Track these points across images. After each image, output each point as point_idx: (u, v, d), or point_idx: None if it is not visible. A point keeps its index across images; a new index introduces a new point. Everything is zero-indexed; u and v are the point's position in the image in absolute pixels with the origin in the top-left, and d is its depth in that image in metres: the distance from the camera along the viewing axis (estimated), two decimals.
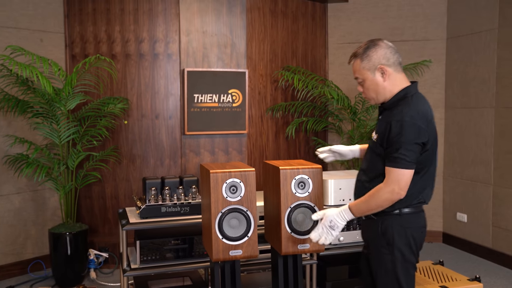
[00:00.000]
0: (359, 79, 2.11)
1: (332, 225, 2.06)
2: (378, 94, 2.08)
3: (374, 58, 2.05)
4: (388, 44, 2.09)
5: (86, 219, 4.38)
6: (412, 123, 1.92)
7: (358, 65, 2.09)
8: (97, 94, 4.28)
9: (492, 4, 4.44)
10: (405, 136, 1.91)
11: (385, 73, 2.05)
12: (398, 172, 1.93)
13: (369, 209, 2.02)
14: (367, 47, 2.08)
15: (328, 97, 4.60)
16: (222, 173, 2.17)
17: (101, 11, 4.32)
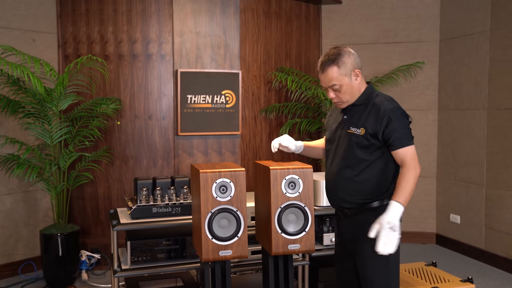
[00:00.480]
0: (336, 85, 2.22)
1: (391, 226, 2.02)
2: (353, 96, 2.25)
3: (349, 64, 2.22)
4: (352, 50, 2.29)
5: (79, 220, 4.36)
6: (400, 108, 2.20)
7: (336, 72, 2.21)
8: (90, 95, 4.27)
9: (484, 6, 4.46)
10: (403, 119, 2.16)
11: (358, 76, 2.25)
12: (411, 149, 2.14)
13: (410, 193, 2.09)
14: (340, 53, 2.22)
15: (322, 98, 4.61)
16: (212, 173, 2.16)
17: (94, 12, 4.31)
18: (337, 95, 2.26)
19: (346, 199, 2.26)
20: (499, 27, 4.30)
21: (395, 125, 2.13)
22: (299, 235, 2.27)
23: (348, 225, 2.31)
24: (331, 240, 3.32)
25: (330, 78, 2.22)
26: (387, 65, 5.08)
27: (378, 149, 2.20)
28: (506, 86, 4.24)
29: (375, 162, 2.20)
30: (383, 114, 2.16)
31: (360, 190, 2.22)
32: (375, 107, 2.20)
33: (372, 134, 2.17)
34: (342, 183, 2.25)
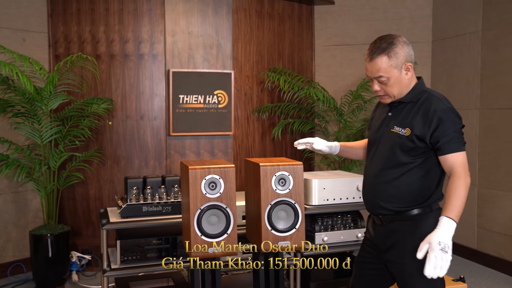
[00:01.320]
0: (383, 77, 2.01)
1: (443, 247, 1.78)
2: (401, 91, 2.04)
3: (402, 55, 1.99)
4: (407, 40, 2.06)
5: (69, 221, 4.32)
6: (454, 110, 1.97)
7: (386, 63, 1.98)
8: (81, 94, 4.24)
9: (476, 7, 4.47)
10: (456, 122, 1.95)
11: (409, 70, 2.02)
12: (462, 155, 1.93)
13: (462, 206, 1.88)
14: (393, 42, 2.00)
15: (314, 99, 4.60)
16: (201, 169, 2.14)
17: (86, 11, 4.29)
18: (382, 88, 2.04)
19: (383, 205, 2.08)
20: (491, 27, 4.31)
21: (446, 127, 1.92)
22: (289, 232, 2.24)
23: (383, 232, 2.12)
24: (323, 239, 3.31)
25: (378, 69, 2.00)
26: None
27: (423, 153, 2.00)
28: (498, 86, 4.24)
29: (418, 166, 2.01)
30: (433, 114, 1.94)
31: (399, 196, 2.04)
32: (424, 106, 1.99)
33: (419, 136, 1.97)
34: (380, 187, 2.08)
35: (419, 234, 1.96)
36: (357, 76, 5.14)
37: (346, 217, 3.40)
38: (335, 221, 3.37)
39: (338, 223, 3.37)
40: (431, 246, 1.80)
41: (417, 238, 1.94)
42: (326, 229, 3.34)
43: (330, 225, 3.35)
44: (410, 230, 2.01)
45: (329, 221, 3.35)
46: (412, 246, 1.97)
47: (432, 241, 1.80)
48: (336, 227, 3.36)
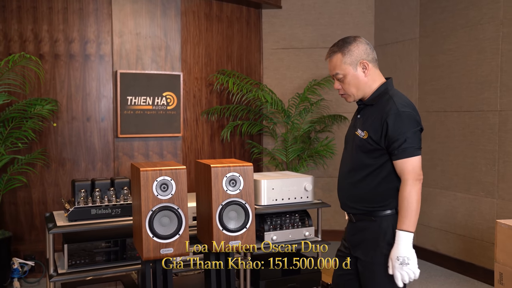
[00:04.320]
0: (339, 74, 2.07)
1: (402, 261, 1.90)
2: (359, 90, 2.07)
3: (356, 53, 2.04)
4: (366, 40, 2.10)
5: (10, 226, 4.16)
6: (408, 113, 1.96)
7: (340, 60, 2.05)
8: (23, 95, 4.10)
9: (413, 15, 4.73)
10: (407, 126, 1.94)
11: (366, 68, 2.05)
12: (411, 161, 1.93)
13: (415, 213, 1.92)
14: (348, 42, 2.06)
15: (263, 101, 4.69)
16: (152, 171, 2.16)
17: (27, 9, 4.15)
18: (342, 87, 2.09)
19: (350, 205, 2.13)
20: (427, 35, 4.58)
21: (396, 132, 1.93)
22: (240, 232, 2.30)
23: (352, 229, 2.17)
24: (272, 238, 3.39)
25: (334, 66, 2.07)
26: (326, 69, 5.25)
27: (384, 155, 2.01)
28: (434, 91, 4.51)
29: (381, 167, 2.02)
30: (385, 118, 1.96)
31: (364, 197, 2.06)
32: (382, 109, 2.00)
33: (374, 139, 2.00)
34: (347, 187, 2.13)
35: (382, 235, 2.01)
36: (304, 79, 5.29)
37: (294, 216, 3.50)
38: (284, 221, 3.46)
39: (286, 222, 3.47)
40: (392, 263, 1.92)
41: (380, 239, 2.01)
42: (275, 228, 3.42)
43: (279, 225, 3.43)
44: (374, 230, 2.04)
45: (278, 221, 3.44)
46: (375, 246, 2.03)
47: (392, 258, 1.92)
48: (284, 226, 3.46)
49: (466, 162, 4.19)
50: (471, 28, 4.11)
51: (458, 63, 4.25)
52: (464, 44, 4.19)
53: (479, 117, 4.07)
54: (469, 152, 4.16)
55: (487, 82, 3.98)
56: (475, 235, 4.12)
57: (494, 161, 3.94)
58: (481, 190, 4.05)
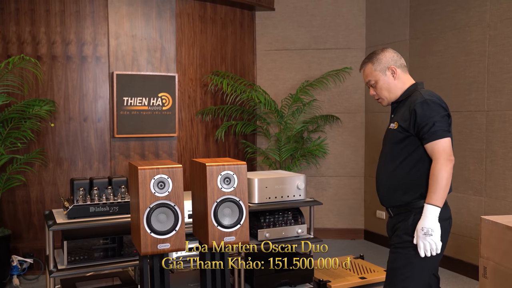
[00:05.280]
0: (372, 81, 2.33)
1: (426, 232, 2.08)
2: (391, 92, 2.31)
3: (384, 61, 2.31)
4: (393, 50, 2.36)
5: (9, 224, 4.23)
6: (433, 101, 2.15)
7: (370, 69, 2.32)
8: (21, 96, 4.17)
9: (403, 16, 4.84)
10: (435, 111, 2.12)
11: (395, 73, 2.29)
12: (439, 143, 2.09)
13: (444, 190, 2.08)
14: (376, 52, 2.34)
15: (256, 101, 4.79)
16: (150, 170, 2.25)
17: (25, 11, 4.23)
18: (375, 92, 2.34)
19: (386, 196, 2.30)
20: (417, 37, 4.69)
21: (423, 118, 2.11)
22: (234, 228, 2.40)
23: (390, 223, 2.36)
24: (265, 235, 3.49)
25: (366, 75, 2.34)
26: (318, 70, 5.36)
27: (414, 143, 2.18)
28: None
29: (411, 155, 2.19)
30: (413, 106, 2.16)
31: (397, 186, 2.23)
32: (409, 101, 2.23)
33: (404, 128, 2.19)
34: (383, 179, 2.31)
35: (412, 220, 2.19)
36: (296, 79, 5.39)
37: (287, 214, 3.60)
38: (277, 218, 3.56)
39: (279, 220, 3.56)
40: (417, 234, 2.11)
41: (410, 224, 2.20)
42: (268, 225, 3.52)
43: (272, 222, 3.53)
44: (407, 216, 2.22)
45: (271, 218, 3.53)
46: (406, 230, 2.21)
47: (417, 229, 2.11)
48: (277, 224, 3.55)
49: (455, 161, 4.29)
50: (459, 30, 4.23)
51: (446, 64, 4.37)
52: (452, 46, 4.30)
53: (467, 117, 4.19)
54: (457, 152, 4.27)
55: (475, 83, 4.10)
56: (463, 232, 4.23)
57: (481, 160, 4.06)
58: (469, 188, 4.16)
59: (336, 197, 5.43)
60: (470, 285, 3.99)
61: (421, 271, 2.20)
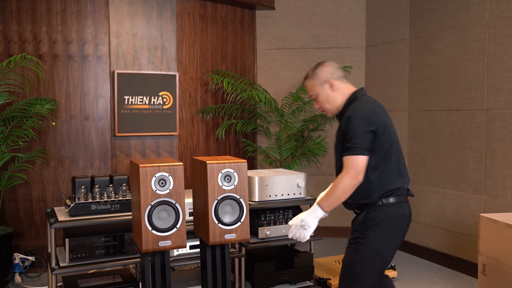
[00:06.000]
0: (313, 95, 2.45)
1: (303, 224, 2.26)
2: (331, 104, 2.41)
3: (321, 75, 2.41)
4: (331, 63, 2.46)
5: (11, 222, 4.26)
6: (357, 115, 2.23)
7: (310, 84, 2.44)
8: (23, 95, 4.19)
9: (403, 16, 4.86)
10: (355, 127, 2.21)
11: (332, 85, 2.39)
12: (352, 158, 2.19)
13: (337, 198, 2.22)
14: (315, 67, 2.45)
15: (257, 100, 4.80)
16: (151, 167, 2.27)
17: (26, 11, 4.25)
18: (318, 105, 2.46)
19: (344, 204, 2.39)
20: (417, 35, 4.71)
21: (347, 131, 2.23)
22: (234, 225, 2.42)
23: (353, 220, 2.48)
24: (266, 233, 3.51)
25: (308, 90, 2.47)
26: None
27: None
28: (423, 90, 4.64)
29: None
30: (343, 121, 2.29)
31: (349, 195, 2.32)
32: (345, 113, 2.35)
33: (340, 141, 2.31)
34: None
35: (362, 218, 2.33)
36: (297, 78, 5.41)
37: (287, 212, 3.62)
38: (277, 216, 3.58)
39: (280, 218, 3.58)
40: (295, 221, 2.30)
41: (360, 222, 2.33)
42: (268, 223, 3.54)
43: (273, 220, 3.55)
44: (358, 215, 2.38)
45: (271, 216, 3.55)
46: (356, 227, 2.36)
47: (298, 217, 2.30)
48: (278, 221, 3.57)
49: (455, 159, 4.32)
50: (459, 29, 4.24)
51: (446, 63, 4.38)
52: (452, 44, 4.32)
53: (466, 116, 4.20)
54: (457, 150, 4.29)
55: (475, 82, 4.11)
56: (463, 230, 4.25)
57: (481, 158, 4.07)
58: (469, 186, 4.18)
59: None
60: (469, 282, 4.01)
61: (370, 266, 2.29)
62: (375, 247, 2.27)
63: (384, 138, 2.26)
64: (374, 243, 2.27)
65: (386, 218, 2.28)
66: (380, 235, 2.27)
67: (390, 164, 2.30)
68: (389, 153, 2.30)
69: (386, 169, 2.29)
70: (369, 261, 2.28)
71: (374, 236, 2.26)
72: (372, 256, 2.28)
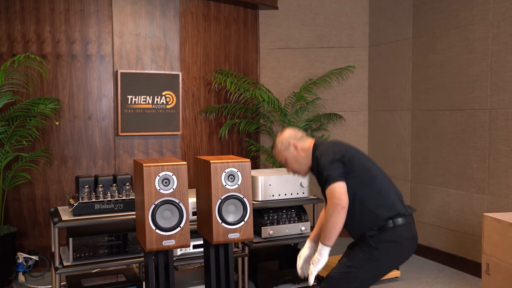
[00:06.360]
0: (282, 160, 2.58)
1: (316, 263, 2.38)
2: (300, 163, 2.53)
3: (285, 140, 2.56)
4: (290, 127, 2.67)
5: (15, 222, 4.27)
6: (321, 152, 2.40)
7: (277, 151, 2.58)
8: (27, 94, 4.20)
9: (406, 15, 4.85)
10: (323, 162, 2.35)
11: (296, 146, 2.53)
12: (329, 188, 2.28)
13: (333, 230, 2.29)
14: (278, 136, 2.61)
15: (260, 100, 4.80)
16: (155, 167, 2.27)
17: (30, 10, 4.26)
18: (289, 168, 2.58)
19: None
20: (420, 35, 4.70)
21: (319, 168, 2.37)
22: (238, 225, 2.42)
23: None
24: (269, 233, 3.51)
25: (277, 157, 2.60)
26: (321, 69, 5.37)
27: None
28: (426, 90, 4.63)
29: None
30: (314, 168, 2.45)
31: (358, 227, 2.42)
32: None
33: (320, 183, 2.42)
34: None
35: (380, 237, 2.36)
36: (300, 78, 5.40)
37: (291, 211, 3.62)
38: (280, 216, 3.58)
39: (283, 217, 3.58)
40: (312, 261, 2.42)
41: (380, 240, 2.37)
42: (272, 223, 3.54)
43: (276, 220, 3.55)
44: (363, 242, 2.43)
45: (274, 216, 3.55)
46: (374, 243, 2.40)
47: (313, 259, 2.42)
48: (281, 221, 3.57)
49: (458, 159, 4.31)
50: (462, 28, 4.23)
51: (450, 62, 4.37)
52: (455, 44, 4.31)
53: (470, 115, 4.19)
54: (460, 150, 4.28)
55: (478, 82, 4.10)
56: (466, 230, 4.24)
57: (484, 158, 4.06)
58: (472, 186, 4.17)
59: None
60: (473, 282, 4.00)
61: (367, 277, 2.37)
62: (380, 263, 2.34)
63: (357, 162, 2.37)
64: (381, 259, 2.33)
65: (399, 239, 2.33)
66: (389, 254, 2.33)
67: (376, 186, 2.38)
68: (372, 175, 2.39)
69: (375, 190, 2.37)
70: (369, 273, 2.35)
71: (384, 253, 2.32)
72: (374, 269, 2.35)
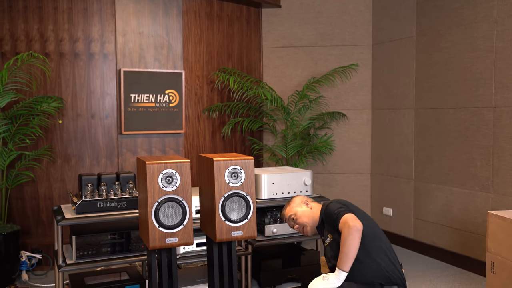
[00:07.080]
0: (292, 215, 2.80)
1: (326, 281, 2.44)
2: (308, 217, 2.76)
3: (297, 200, 2.86)
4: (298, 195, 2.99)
5: (18, 220, 4.27)
6: (329, 205, 2.66)
7: (289, 208, 2.84)
8: (30, 93, 4.21)
9: (410, 13, 4.83)
10: (331, 208, 2.60)
11: (307, 203, 2.82)
12: (342, 218, 2.48)
13: (349, 253, 2.40)
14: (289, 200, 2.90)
15: (263, 98, 4.79)
16: (158, 164, 2.26)
17: (33, 9, 4.26)
18: (297, 223, 2.76)
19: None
20: (424, 33, 4.68)
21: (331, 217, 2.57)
22: (241, 222, 2.41)
23: None
24: (272, 231, 3.50)
25: (287, 213, 2.83)
26: (324, 67, 5.36)
27: None
28: (430, 88, 4.61)
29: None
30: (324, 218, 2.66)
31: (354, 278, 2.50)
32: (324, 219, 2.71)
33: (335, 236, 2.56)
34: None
35: None
36: (303, 76, 5.39)
37: None
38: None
39: None
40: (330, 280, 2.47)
41: None
42: (275, 221, 3.53)
43: (279, 218, 3.54)
44: None
45: (278, 214, 3.54)
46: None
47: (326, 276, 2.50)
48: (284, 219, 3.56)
49: (462, 157, 4.29)
50: (466, 26, 4.21)
51: (453, 60, 4.35)
52: (459, 42, 4.29)
53: (474, 113, 4.17)
54: (464, 148, 4.26)
55: (482, 79, 4.08)
56: (470, 228, 4.22)
57: (489, 156, 4.04)
58: (476, 184, 4.15)
59: (342, 194, 5.43)
60: (477, 281, 3.98)
61: None
62: None
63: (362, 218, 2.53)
64: None
65: None
66: None
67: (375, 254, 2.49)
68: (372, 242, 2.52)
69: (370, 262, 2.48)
70: None
71: None
72: None
